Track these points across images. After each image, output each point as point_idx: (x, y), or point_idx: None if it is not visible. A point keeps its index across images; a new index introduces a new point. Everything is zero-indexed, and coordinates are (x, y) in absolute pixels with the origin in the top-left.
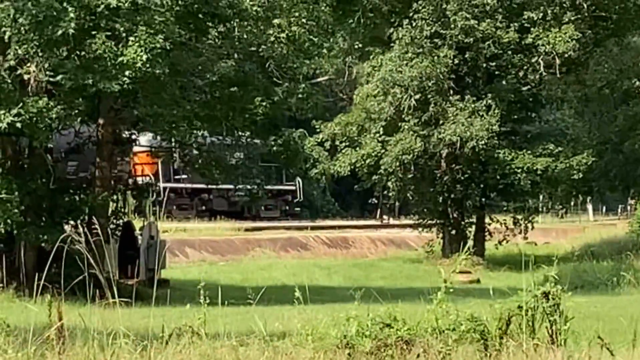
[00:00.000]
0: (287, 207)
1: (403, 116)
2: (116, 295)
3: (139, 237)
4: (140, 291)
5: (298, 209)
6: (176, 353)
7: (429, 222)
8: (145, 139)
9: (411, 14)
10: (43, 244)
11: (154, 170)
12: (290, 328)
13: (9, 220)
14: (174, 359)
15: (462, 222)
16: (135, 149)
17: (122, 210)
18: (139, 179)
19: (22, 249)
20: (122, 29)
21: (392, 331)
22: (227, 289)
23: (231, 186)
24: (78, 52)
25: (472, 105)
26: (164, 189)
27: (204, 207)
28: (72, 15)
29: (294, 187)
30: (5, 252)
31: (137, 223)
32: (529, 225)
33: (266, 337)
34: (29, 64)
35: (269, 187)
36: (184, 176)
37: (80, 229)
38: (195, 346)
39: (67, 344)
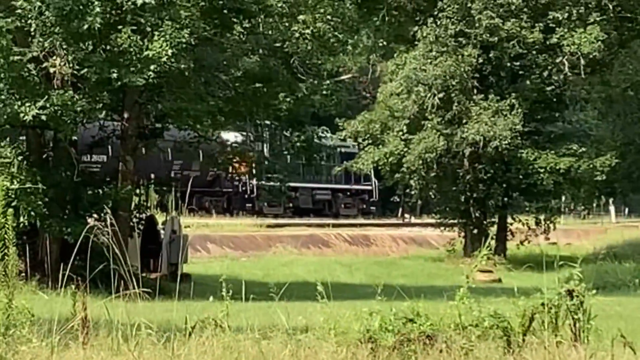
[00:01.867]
0: (364, 206)
1: (426, 115)
2: (139, 289)
3: (162, 231)
4: (162, 285)
5: (373, 207)
6: (199, 345)
7: (451, 221)
8: (232, 134)
9: (436, 13)
10: (66, 237)
11: (248, 168)
12: (313, 322)
13: (32, 213)
14: (197, 350)
15: (484, 222)
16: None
17: (145, 204)
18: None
19: (46, 241)
20: (147, 23)
21: (415, 326)
22: (248, 284)
23: (316, 185)
24: (103, 46)
25: (496, 105)
26: (257, 186)
27: (291, 205)
28: (98, 9)
29: (370, 187)
30: (29, 243)
31: (160, 217)
32: (551, 225)
33: (289, 331)
34: (54, 57)
35: (348, 186)
36: (275, 175)
37: (104, 222)
38: (218, 338)
39: (90, 335)
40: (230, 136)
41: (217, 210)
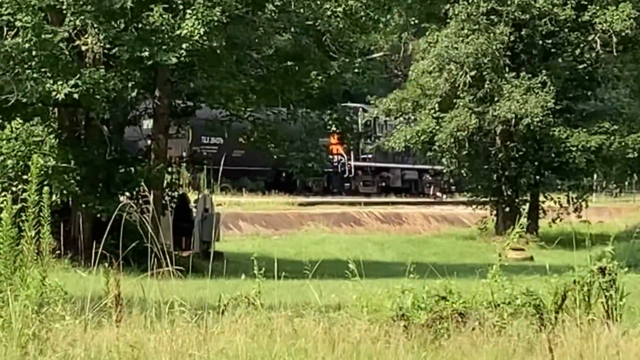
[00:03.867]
0: (445, 186)
1: (458, 93)
2: (171, 267)
3: (194, 209)
4: (194, 263)
5: (454, 186)
6: (232, 323)
7: (483, 199)
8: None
9: None
10: (99, 215)
11: (346, 150)
12: (345, 300)
13: (65, 191)
14: (230, 328)
15: (516, 200)
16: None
17: (177, 182)
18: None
19: (79, 219)
20: (179, 1)
21: (448, 304)
22: (281, 263)
23: (405, 165)
24: (135, 24)
25: (528, 83)
26: (354, 167)
27: (383, 184)
28: None
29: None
30: (62, 221)
31: (192, 196)
32: (583, 203)
33: (321, 309)
34: (86, 35)
35: (431, 167)
36: (370, 155)
37: (136, 200)
38: (251, 316)
39: (123, 312)
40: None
41: (318, 188)
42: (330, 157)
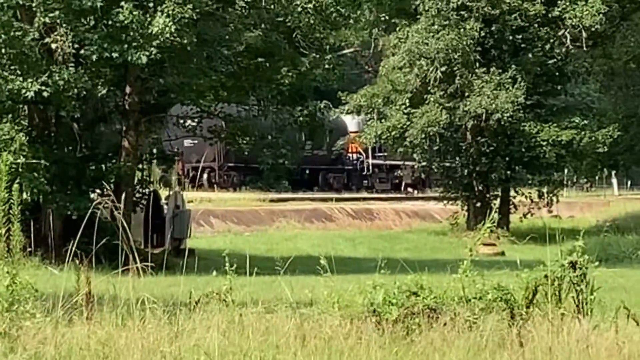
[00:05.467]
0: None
1: (429, 88)
2: (143, 264)
3: (165, 206)
4: (166, 260)
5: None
6: (203, 319)
7: (454, 194)
8: (354, 122)
9: None
10: (70, 213)
11: (363, 148)
12: (317, 296)
13: (35, 190)
14: (202, 325)
15: (487, 195)
16: (351, 129)
17: (148, 179)
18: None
19: (49, 216)
20: None
21: (419, 299)
22: (252, 259)
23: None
24: (105, 22)
25: (498, 78)
26: (371, 165)
27: (397, 181)
28: None
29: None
30: (32, 219)
31: (163, 193)
32: (554, 198)
33: (293, 305)
34: (55, 33)
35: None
36: (386, 154)
37: (107, 198)
38: (223, 313)
39: (95, 310)
40: (233, 110)
41: (339, 185)
42: (350, 155)
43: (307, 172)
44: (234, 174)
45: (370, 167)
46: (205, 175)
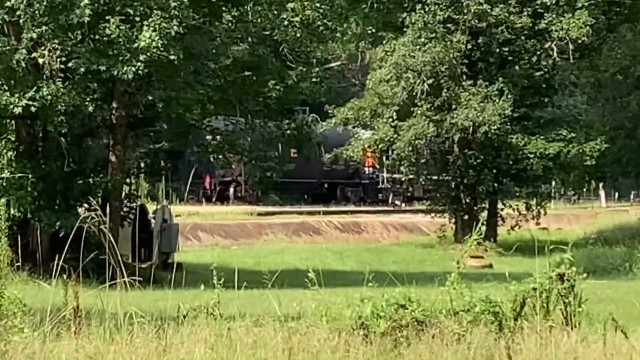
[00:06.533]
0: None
1: (416, 101)
2: (131, 277)
3: (152, 220)
4: (154, 274)
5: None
6: (191, 333)
7: (441, 207)
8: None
9: None
10: (57, 230)
11: (379, 162)
12: (305, 310)
13: (22, 208)
14: (190, 339)
15: (475, 207)
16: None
17: (135, 193)
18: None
19: (37, 231)
20: (136, 13)
21: (407, 312)
22: (240, 273)
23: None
24: (92, 36)
25: (485, 90)
26: (386, 178)
27: (409, 194)
28: (86, 1)
29: None
30: (20, 234)
31: (151, 207)
32: (542, 210)
33: (281, 318)
34: (42, 48)
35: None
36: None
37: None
38: (211, 326)
39: (82, 324)
40: (220, 124)
41: (356, 198)
42: (366, 169)
43: (326, 186)
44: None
45: (385, 181)
46: (231, 190)
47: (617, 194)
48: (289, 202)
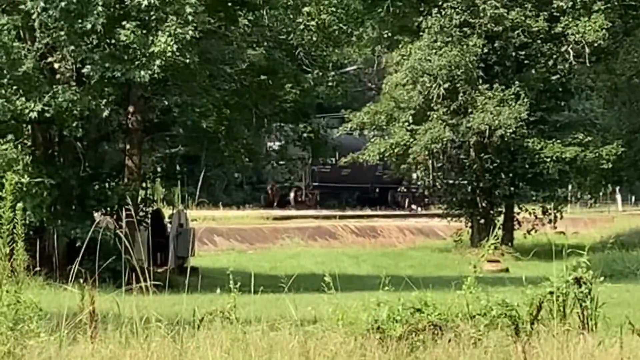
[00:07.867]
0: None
1: (432, 105)
2: (148, 282)
3: (168, 225)
4: (170, 278)
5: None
6: (207, 337)
7: (458, 211)
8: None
9: (440, 3)
10: (74, 238)
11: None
12: (321, 314)
13: (37, 213)
14: (206, 343)
15: (491, 212)
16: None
17: (152, 198)
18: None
19: (53, 235)
20: (152, 18)
21: (423, 316)
22: (256, 277)
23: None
24: (107, 41)
25: (501, 94)
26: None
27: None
28: (100, 8)
29: None
30: (37, 238)
31: (167, 211)
32: (558, 214)
33: (297, 322)
34: (58, 53)
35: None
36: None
37: (111, 217)
38: (227, 331)
39: (99, 328)
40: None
41: (404, 203)
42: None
43: (377, 190)
44: (317, 192)
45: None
46: (292, 194)
47: (633, 198)
48: (344, 207)
